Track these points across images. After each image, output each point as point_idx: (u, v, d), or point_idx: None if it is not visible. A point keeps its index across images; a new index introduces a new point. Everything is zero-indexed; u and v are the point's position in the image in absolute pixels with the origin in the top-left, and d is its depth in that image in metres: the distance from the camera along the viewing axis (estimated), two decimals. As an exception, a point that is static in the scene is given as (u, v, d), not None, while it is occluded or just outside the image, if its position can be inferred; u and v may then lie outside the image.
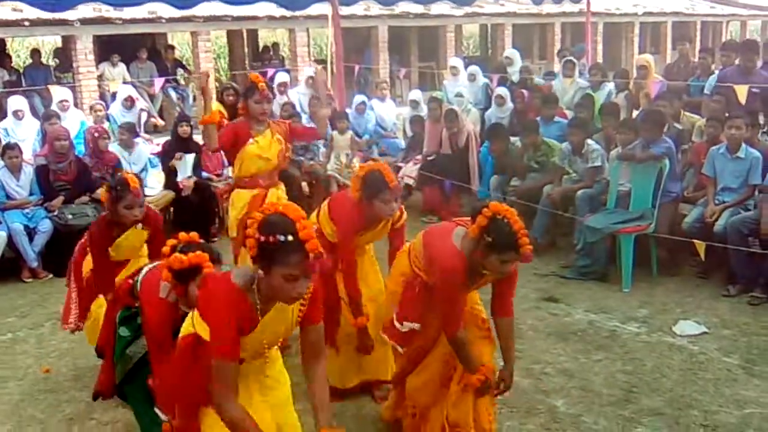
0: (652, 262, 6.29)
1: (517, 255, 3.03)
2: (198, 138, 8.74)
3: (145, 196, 4.57)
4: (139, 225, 4.13)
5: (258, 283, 2.53)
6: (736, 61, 7.69)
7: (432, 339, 3.51)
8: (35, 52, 14.52)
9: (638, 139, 6.34)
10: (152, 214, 4.25)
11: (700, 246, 5.72)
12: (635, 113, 7.89)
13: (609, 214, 6.34)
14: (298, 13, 13.60)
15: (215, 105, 9.18)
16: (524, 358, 4.81)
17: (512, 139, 7.80)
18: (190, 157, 7.76)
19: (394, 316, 3.53)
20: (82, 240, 4.59)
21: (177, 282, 3.03)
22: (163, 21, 13.20)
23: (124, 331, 3.50)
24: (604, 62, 16.07)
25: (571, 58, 10.11)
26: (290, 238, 2.37)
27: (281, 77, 10.46)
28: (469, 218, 3.24)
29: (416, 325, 3.44)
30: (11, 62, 14.35)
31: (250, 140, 4.88)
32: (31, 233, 6.87)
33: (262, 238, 2.40)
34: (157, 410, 2.92)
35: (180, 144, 7.88)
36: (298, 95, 10.24)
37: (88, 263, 4.46)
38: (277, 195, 5.04)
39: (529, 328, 5.31)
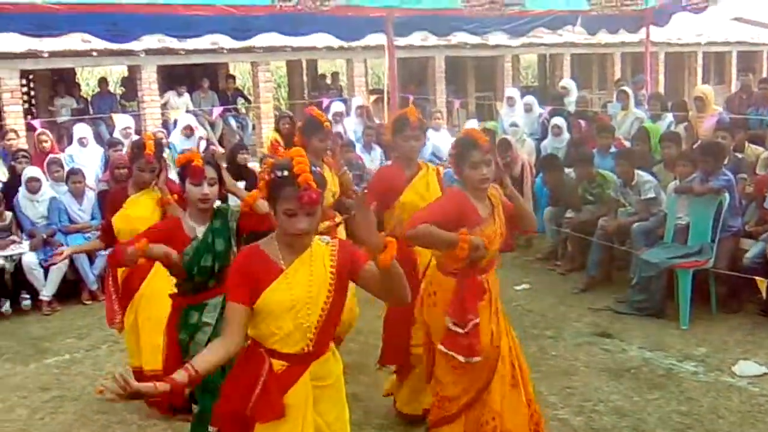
0: (711, 298, 6.10)
1: (478, 152, 3.39)
2: (255, 166, 8.94)
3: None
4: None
5: (275, 235, 2.71)
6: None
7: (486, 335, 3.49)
8: (103, 81, 15.02)
9: (696, 171, 6.20)
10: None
11: (762, 283, 5.54)
12: (694, 145, 7.71)
13: (666, 248, 6.19)
14: (354, 44, 13.77)
15: (272, 134, 9.48)
16: (575, 395, 4.71)
17: (567, 170, 7.71)
18: (240, 184, 7.81)
19: (449, 325, 3.47)
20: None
21: (181, 181, 3.52)
22: (225, 51, 13.51)
23: (183, 334, 3.53)
24: (665, 92, 15.79)
25: (625, 88, 10.00)
26: (285, 173, 2.57)
27: (336, 107, 10.61)
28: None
29: (476, 318, 3.44)
30: (80, 91, 14.87)
31: None
32: (91, 256, 7.07)
33: (267, 177, 2.62)
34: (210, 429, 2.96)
35: (236, 171, 8.01)
36: (353, 125, 10.38)
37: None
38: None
39: (581, 364, 5.20)
